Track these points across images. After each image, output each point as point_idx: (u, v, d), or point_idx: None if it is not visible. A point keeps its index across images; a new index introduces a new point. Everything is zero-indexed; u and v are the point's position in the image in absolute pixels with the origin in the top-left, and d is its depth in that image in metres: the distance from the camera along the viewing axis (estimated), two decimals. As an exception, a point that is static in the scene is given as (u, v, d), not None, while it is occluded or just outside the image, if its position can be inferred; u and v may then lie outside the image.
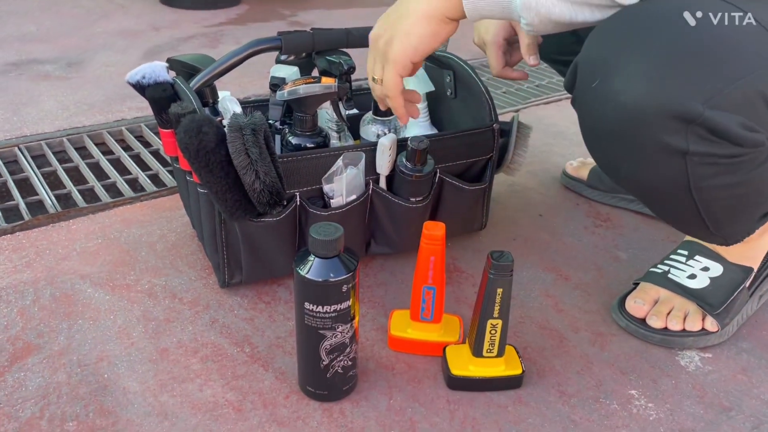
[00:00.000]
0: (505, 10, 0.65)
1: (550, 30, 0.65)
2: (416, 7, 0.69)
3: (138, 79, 0.81)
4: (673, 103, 0.56)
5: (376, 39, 0.74)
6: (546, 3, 0.61)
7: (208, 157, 0.69)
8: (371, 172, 0.85)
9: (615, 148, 0.63)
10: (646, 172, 0.63)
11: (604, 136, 0.63)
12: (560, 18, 0.62)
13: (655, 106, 0.57)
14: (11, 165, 1.19)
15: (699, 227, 0.70)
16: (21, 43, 1.79)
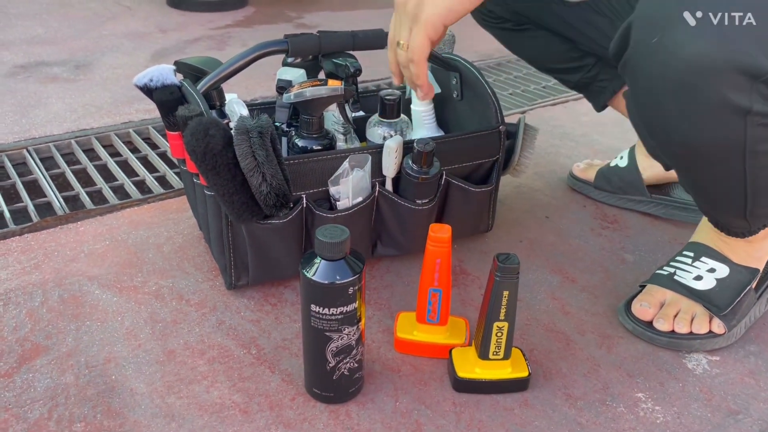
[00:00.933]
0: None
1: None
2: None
3: (146, 82, 0.82)
4: (740, 56, 0.54)
5: (405, 2, 0.72)
6: None
7: (215, 159, 0.70)
8: (377, 175, 0.85)
9: (672, 107, 0.60)
10: (702, 132, 0.61)
11: (661, 94, 0.60)
12: None
13: (722, 59, 0.55)
14: (20, 167, 1.19)
15: (736, 202, 0.69)
16: (29, 46, 1.80)
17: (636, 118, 0.67)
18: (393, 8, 0.77)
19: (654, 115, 0.64)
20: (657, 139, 0.67)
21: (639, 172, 1.06)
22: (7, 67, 1.63)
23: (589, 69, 1.04)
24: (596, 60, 1.04)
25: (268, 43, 0.85)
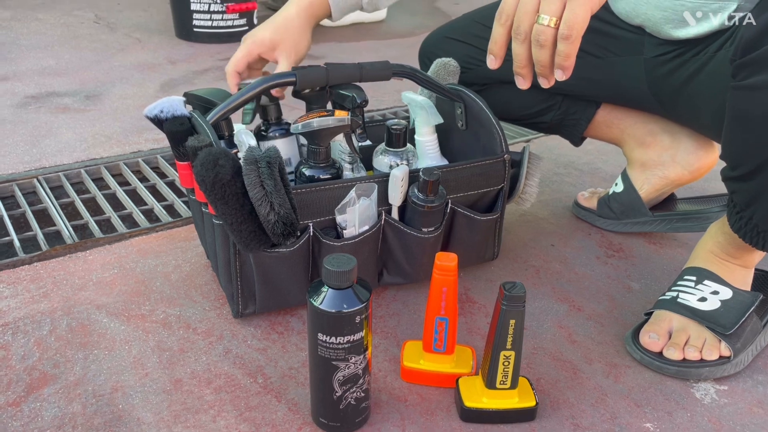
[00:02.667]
0: None
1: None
2: None
3: (156, 113, 0.83)
4: None
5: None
6: None
7: (224, 189, 0.71)
8: (384, 203, 0.86)
9: None
10: None
11: None
12: None
13: None
14: (30, 196, 1.21)
15: None
16: (41, 77, 1.83)
17: (764, 110, 0.63)
18: (397, 38, 0.77)
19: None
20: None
21: (636, 191, 1.07)
22: (19, 97, 1.66)
23: (558, 107, 1.07)
24: (562, 97, 1.06)
25: (277, 75, 0.86)
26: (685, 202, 1.09)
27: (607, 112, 1.07)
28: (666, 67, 0.92)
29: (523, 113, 1.09)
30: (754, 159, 0.67)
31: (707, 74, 0.85)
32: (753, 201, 0.70)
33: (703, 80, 0.87)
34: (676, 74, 0.91)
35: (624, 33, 0.96)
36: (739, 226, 0.73)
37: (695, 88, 0.89)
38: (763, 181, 0.67)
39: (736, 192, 0.72)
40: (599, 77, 1.00)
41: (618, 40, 0.97)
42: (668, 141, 1.04)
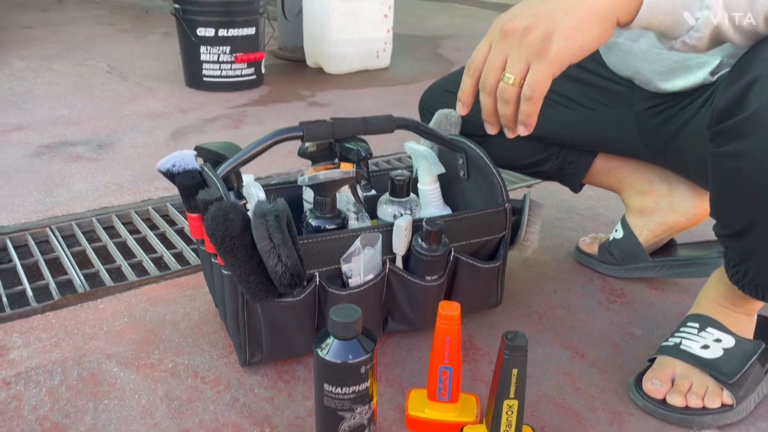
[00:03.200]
0: (675, 21, 0.63)
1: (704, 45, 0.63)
2: (587, 5, 0.63)
3: (168, 167, 0.86)
4: None
5: (523, 32, 0.65)
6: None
7: (233, 242, 0.73)
8: (388, 252, 0.88)
9: None
10: None
11: None
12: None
13: None
14: (42, 245, 1.24)
15: None
16: (54, 126, 1.88)
17: (746, 176, 0.64)
18: (400, 85, 0.79)
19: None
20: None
21: (636, 237, 1.09)
22: (33, 146, 1.71)
23: (556, 156, 1.10)
24: (560, 147, 1.09)
25: (285, 130, 0.90)
26: (685, 248, 1.11)
27: (604, 161, 1.10)
28: (656, 119, 0.95)
29: (522, 162, 1.12)
30: (741, 219, 0.68)
31: (692, 129, 0.88)
32: (746, 257, 0.72)
33: (689, 135, 0.89)
34: (665, 127, 0.94)
35: (615, 86, 1.00)
36: (737, 279, 0.75)
37: (683, 141, 0.91)
38: (753, 239, 0.69)
39: (729, 248, 0.74)
40: (593, 129, 1.03)
41: (609, 93, 1.01)
42: (665, 189, 1.06)
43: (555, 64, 0.65)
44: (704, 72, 0.85)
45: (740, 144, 0.63)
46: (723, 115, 0.65)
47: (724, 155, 0.66)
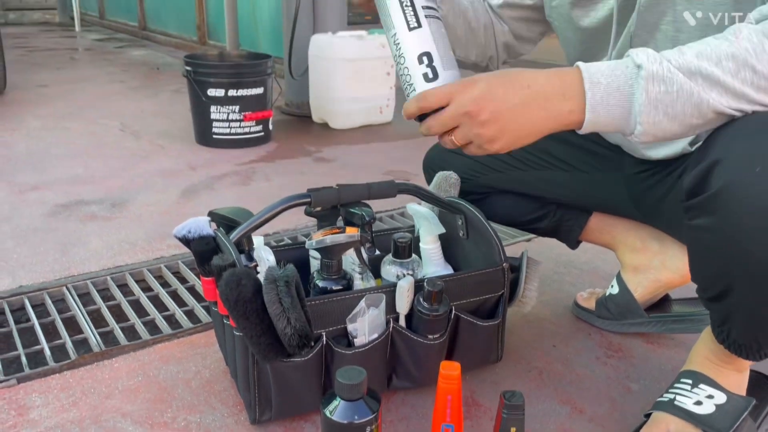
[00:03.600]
0: (618, 128, 0.70)
1: (658, 141, 0.71)
2: (535, 120, 0.72)
3: (184, 234, 0.92)
4: None
5: (480, 123, 0.73)
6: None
7: (245, 306, 0.78)
8: (391, 311, 0.93)
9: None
10: None
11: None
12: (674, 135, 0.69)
13: None
14: (59, 303, 1.28)
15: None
16: (70, 185, 1.95)
17: (718, 247, 0.69)
18: (403, 140, 0.86)
19: (755, 239, 0.66)
20: (745, 264, 0.68)
21: (631, 294, 1.13)
22: (49, 206, 1.78)
23: (553, 214, 1.15)
24: (556, 206, 1.15)
25: (293, 197, 0.95)
26: (679, 304, 1.15)
27: (598, 220, 1.15)
28: (644, 183, 1.00)
29: (520, 220, 1.17)
30: (717, 285, 0.73)
31: (675, 196, 0.93)
32: (726, 320, 0.76)
33: (673, 200, 0.94)
34: (652, 191, 0.99)
35: (606, 151, 1.06)
36: (721, 338, 0.79)
37: (669, 205, 0.96)
38: (729, 304, 0.73)
39: (711, 310, 0.79)
40: (586, 190, 1.09)
41: (601, 157, 1.06)
42: (657, 246, 1.11)
43: (488, 153, 0.76)
44: (684, 143, 0.91)
45: (708, 219, 0.70)
46: (691, 192, 0.72)
47: (696, 228, 0.72)
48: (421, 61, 0.79)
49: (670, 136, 0.71)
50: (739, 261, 0.69)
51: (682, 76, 0.67)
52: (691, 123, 0.69)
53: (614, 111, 0.70)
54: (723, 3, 0.77)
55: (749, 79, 0.66)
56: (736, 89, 0.66)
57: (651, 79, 0.67)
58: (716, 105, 0.67)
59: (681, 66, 0.67)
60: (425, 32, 0.80)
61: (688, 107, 0.68)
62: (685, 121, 0.69)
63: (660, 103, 0.68)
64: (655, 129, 0.69)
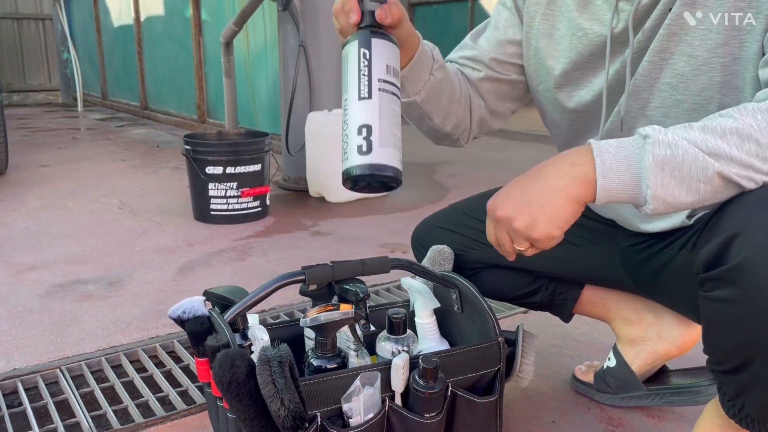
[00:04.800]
0: (632, 198, 0.72)
1: (672, 212, 0.73)
2: (559, 194, 0.75)
3: (179, 314, 0.92)
4: None
5: (509, 221, 0.78)
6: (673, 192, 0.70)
7: (239, 388, 0.77)
8: (387, 390, 0.92)
9: None
10: None
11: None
12: (685, 203, 0.71)
13: None
14: (52, 386, 1.27)
15: None
16: (67, 265, 1.96)
17: (739, 319, 0.70)
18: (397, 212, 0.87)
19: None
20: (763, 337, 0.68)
21: (628, 366, 1.12)
22: (46, 286, 1.78)
23: (546, 287, 1.16)
24: (548, 279, 1.15)
25: (288, 275, 0.96)
26: (677, 375, 1.14)
27: (591, 292, 1.15)
28: (639, 256, 1.01)
29: (513, 294, 1.17)
30: (736, 357, 0.72)
31: (674, 268, 0.94)
32: (741, 392, 0.75)
33: (672, 273, 0.95)
34: (648, 264, 1.00)
35: (598, 225, 1.07)
36: (733, 413, 0.77)
37: (667, 278, 0.97)
38: (748, 376, 0.72)
39: (724, 384, 0.77)
40: (580, 263, 1.10)
41: (594, 231, 1.08)
42: (652, 318, 1.11)
43: (544, 241, 0.78)
44: (681, 216, 0.92)
45: (729, 290, 0.70)
46: (709, 264, 0.72)
47: (714, 300, 0.72)
48: (360, 132, 0.76)
49: (681, 204, 0.71)
50: (762, 332, 0.69)
51: (686, 143, 0.69)
52: (699, 188, 0.70)
53: (624, 177, 0.72)
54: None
55: (754, 151, 0.68)
56: (742, 160, 0.69)
57: (657, 144, 0.70)
58: (722, 170, 0.69)
59: (687, 137, 0.70)
60: (373, 105, 0.77)
61: (695, 170, 0.69)
62: (693, 186, 0.70)
63: (666, 165, 0.70)
64: (664, 192, 0.70)
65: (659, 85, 0.85)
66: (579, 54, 0.92)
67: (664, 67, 0.83)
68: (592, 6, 0.89)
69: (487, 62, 1.02)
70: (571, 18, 0.92)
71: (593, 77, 0.92)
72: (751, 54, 0.77)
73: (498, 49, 1.01)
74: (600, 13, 0.88)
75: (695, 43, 0.81)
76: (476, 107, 1.04)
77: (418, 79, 0.93)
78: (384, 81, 0.79)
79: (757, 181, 0.70)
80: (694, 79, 0.82)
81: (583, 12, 0.90)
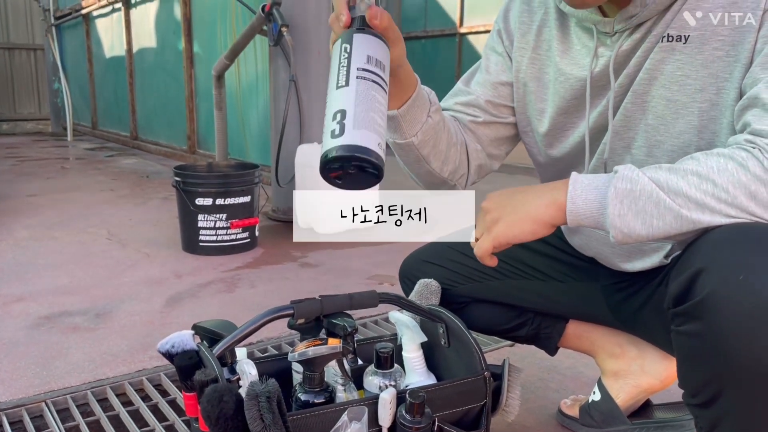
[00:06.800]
0: (597, 224, 0.78)
1: (630, 242, 0.77)
2: (529, 209, 0.83)
3: (167, 348, 0.92)
4: None
5: (486, 211, 0.88)
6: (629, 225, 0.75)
7: (227, 423, 0.78)
8: (374, 425, 0.92)
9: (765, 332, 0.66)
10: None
11: (757, 318, 0.66)
12: (639, 236, 0.75)
13: None
14: (37, 420, 1.26)
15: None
16: (54, 296, 1.96)
17: (706, 352, 0.72)
18: (384, 244, 0.90)
19: (742, 344, 0.68)
20: (735, 368, 0.70)
21: (613, 400, 1.13)
22: (32, 318, 1.77)
23: (531, 322, 1.18)
24: (533, 314, 1.17)
25: (277, 309, 0.97)
26: (661, 409, 1.15)
27: (576, 326, 1.17)
28: (620, 294, 1.04)
29: (499, 329, 1.18)
30: (706, 391, 0.74)
31: (653, 305, 0.97)
32: (715, 425, 0.77)
33: (651, 309, 0.97)
34: (629, 301, 1.02)
35: (580, 263, 1.10)
36: None
37: (647, 315, 0.99)
38: (719, 408, 0.74)
39: (698, 417, 0.79)
40: (564, 299, 1.12)
41: (575, 268, 1.10)
42: (635, 351, 1.13)
43: (494, 240, 0.85)
44: (659, 256, 0.95)
45: (696, 324, 0.73)
46: (677, 300, 0.75)
47: (684, 333, 0.75)
48: (334, 118, 0.73)
49: (636, 236, 0.76)
50: (726, 366, 0.71)
51: (647, 179, 0.74)
52: (652, 223, 0.74)
53: (591, 205, 0.78)
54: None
55: (710, 191, 0.72)
56: (697, 199, 0.72)
57: (620, 179, 0.76)
58: (674, 206, 0.73)
59: (651, 175, 0.75)
60: (349, 91, 0.75)
61: (649, 205, 0.74)
62: (647, 220, 0.74)
63: (625, 198, 0.75)
64: (621, 222, 0.75)
65: (642, 125, 0.88)
66: (562, 98, 0.95)
67: (646, 109, 0.87)
68: (572, 51, 0.93)
69: (483, 106, 1.04)
70: (555, 63, 0.95)
71: (578, 120, 0.96)
72: (728, 101, 0.81)
73: (492, 92, 1.03)
74: (579, 58, 0.92)
75: (674, 88, 0.84)
76: (473, 152, 1.06)
77: (416, 120, 0.95)
78: (363, 69, 0.77)
79: (711, 222, 0.73)
80: (673, 122, 0.85)
81: (563, 57, 0.94)
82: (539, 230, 0.83)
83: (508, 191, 0.88)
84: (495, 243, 0.85)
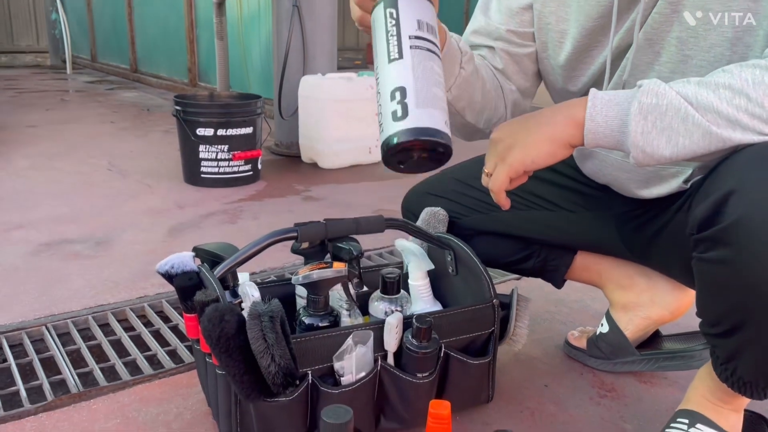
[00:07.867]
0: (618, 144, 0.73)
1: (652, 164, 0.72)
2: (544, 129, 0.77)
3: (167, 269, 0.90)
4: None
5: (497, 141, 0.82)
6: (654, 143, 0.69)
7: (228, 342, 0.75)
8: (379, 349, 0.90)
9: None
10: None
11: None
12: (662, 156, 0.70)
13: None
14: (37, 343, 1.25)
15: None
16: (54, 224, 1.93)
17: (732, 281, 0.68)
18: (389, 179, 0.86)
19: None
20: (762, 297, 0.66)
21: (621, 332, 1.11)
22: (32, 245, 1.75)
23: (538, 253, 1.13)
24: (540, 246, 1.13)
25: (280, 231, 0.94)
26: (670, 340, 1.13)
27: (584, 258, 1.14)
28: (634, 222, 0.99)
29: (505, 261, 1.15)
30: (729, 320, 0.71)
31: (670, 232, 0.93)
32: (733, 356, 0.74)
33: (667, 237, 0.94)
34: (644, 229, 0.98)
35: (593, 191, 1.05)
36: (725, 376, 0.77)
37: (662, 243, 0.95)
38: (740, 339, 0.72)
39: (717, 347, 0.76)
40: (574, 230, 1.08)
41: (588, 197, 1.06)
42: (645, 283, 1.10)
43: (511, 168, 0.79)
44: (678, 181, 0.90)
45: (723, 251, 0.69)
46: (703, 225, 0.70)
47: (708, 261, 0.71)
48: (393, 97, 0.67)
49: (659, 156, 0.71)
50: (753, 295, 0.67)
51: (675, 93, 0.69)
52: (678, 141, 0.69)
53: (612, 122, 0.73)
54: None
55: (743, 106, 0.67)
56: (729, 114, 0.67)
57: (645, 93, 0.70)
58: (703, 122, 0.68)
59: (680, 89, 0.69)
60: (404, 64, 0.68)
61: (676, 122, 0.69)
62: (672, 138, 0.69)
63: (650, 113, 0.70)
64: (644, 141, 0.70)
65: (669, 38, 0.82)
66: (588, 17, 0.88)
67: (675, 20, 0.80)
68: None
69: (505, 37, 0.96)
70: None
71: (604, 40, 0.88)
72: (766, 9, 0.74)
73: (512, 20, 0.95)
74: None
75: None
76: (508, 92, 1.00)
77: (449, 74, 0.87)
78: (416, 38, 0.70)
79: (744, 140, 0.68)
80: (704, 34, 0.79)
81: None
82: (558, 151, 0.77)
83: (519, 118, 0.83)
84: (511, 172, 0.79)
